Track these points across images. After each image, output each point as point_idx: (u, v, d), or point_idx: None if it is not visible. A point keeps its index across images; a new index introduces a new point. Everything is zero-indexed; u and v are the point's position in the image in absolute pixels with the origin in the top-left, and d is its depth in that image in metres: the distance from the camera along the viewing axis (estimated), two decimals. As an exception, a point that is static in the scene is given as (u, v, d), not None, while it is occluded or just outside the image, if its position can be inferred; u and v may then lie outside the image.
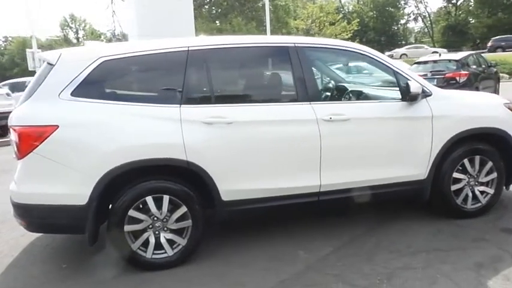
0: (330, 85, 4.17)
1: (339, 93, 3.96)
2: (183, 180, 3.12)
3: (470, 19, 51.96)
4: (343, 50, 3.56)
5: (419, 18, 59.83)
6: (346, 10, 24.96)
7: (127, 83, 3.23)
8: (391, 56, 27.59)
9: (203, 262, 3.22)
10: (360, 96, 3.91)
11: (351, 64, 5.97)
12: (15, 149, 2.93)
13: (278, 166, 3.25)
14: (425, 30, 59.61)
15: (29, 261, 3.46)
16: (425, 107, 3.48)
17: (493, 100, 3.89)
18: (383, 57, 3.60)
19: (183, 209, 3.10)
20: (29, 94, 3.06)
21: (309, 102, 3.29)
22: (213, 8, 30.58)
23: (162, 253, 3.13)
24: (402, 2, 57.89)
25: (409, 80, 3.46)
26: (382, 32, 55.13)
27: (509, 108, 3.80)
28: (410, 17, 59.47)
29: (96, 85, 3.06)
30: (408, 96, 3.38)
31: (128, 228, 3.03)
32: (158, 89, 3.19)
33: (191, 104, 3.10)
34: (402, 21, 60.61)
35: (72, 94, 2.96)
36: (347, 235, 3.56)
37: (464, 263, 3.00)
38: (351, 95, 3.89)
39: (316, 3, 23.84)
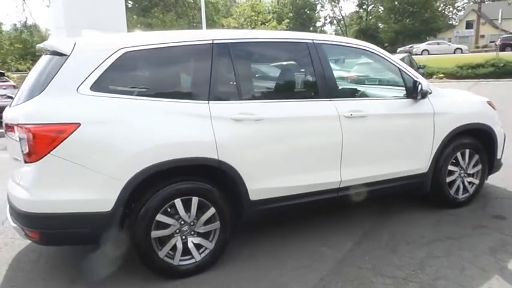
0: (344, 82, 4.22)
1: (353, 90, 4.02)
2: (211, 180, 2.95)
3: (380, 24, 56.07)
4: (354, 47, 3.63)
5: (335, 21, 63.18)
6: (266, 10, 25.49)
7: (151, 77, 2.96)
8: (411, 51, 27.57)
9: (230, 265, 3.08)
10: (369, 93, 4.01)
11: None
12: (25, 150, 2.53)
13: (303, 163, 3.22)
14: (340, 33, 63.05)
15: (26, 279, 3.03)
16: (427, 104, 3.68)
17: (478, 98, 4.24)
18: (390, 56, 3.74)
19: (212, 211, 2.94)
20: (36, 88, 2.68)
21: (329, 99, 3.30)
22: (136, 1, 29.31)
23: (189, 259, 2.94)
24: (319, 6, 60.65)
25: (415, 78, 3.63)
26: (301, 33, 57.15)
27: (491, 106, 4.17)
28: (326, 19, 62.50)
29: (118, 78, 2.77)
30: (419, 94, 3.54)
31: (155, 234, 2.79)
32: (185, 83, 2.98)
33: (219, 100, 2.94)
34: (319, 24, 63.57)
35: (92, 88, 2.64)
36: (359, 230, 3.64)
37: (479, 249, 3.23)
38: (361, 91, 3.98)
39: (248, 2, 23.98)
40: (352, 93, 3.78)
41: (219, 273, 2.99)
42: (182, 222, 2.87)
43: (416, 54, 30.23)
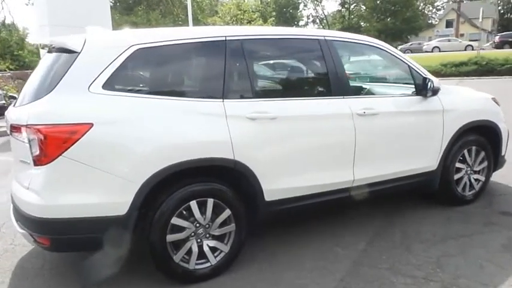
0: (355, 79, 4.17)
1: (363, 88, 3.98)
2: (226, 181, 2.86)
3: (362, 23, 56.62)
4: (364, 44, 3.59)
5: (317, 20, 63.50)
6: (250, 9, 25.44)
7: (163, 75, 2.85)
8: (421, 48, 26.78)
9: (245, 268, 3.00)
10: (379, 91, 3.97)
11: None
12: (36, 152, 2.40)
13: (317, 162, 3.16)
14: (323, 31, 63.35)
15: (32, 288, 2.89)
16: (437, 101, 3.67)
17: (483, 95, 4.25)
18: (399, 53, 3.71)
19: (227, 213, 2.86)
20: (45, 88, 2.55)
21: (342, 97, 3.25)
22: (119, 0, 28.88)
23: (205, 262, 2.85)
24: (302, 5, 60.88)
25: (424, 75, 3.61)
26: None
27: (495, 102, 4.19)
28: (309, 18, 62.76)
29: (130, 76, 2.67)
30: (430, 91, 3.52)
31: (170, 237, 2.69)
32: (198, 81, 2.88)
33: (233, 99, 2.85)
34: (302, 23, 63.79)
35: (104, 87, 2.52)
36: (370, 229, 3.60)
37: (492, 246, 3.22)
38: (372, 89, 3.95)
39: (233, 1, 23.84)
40: (363, 91, 3.73)
41: (234, 276, 2.91)
42: (197, 224, 2.78)
43: (426, 52, 30.45)
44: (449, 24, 55.47)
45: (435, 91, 3.54)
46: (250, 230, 3.06)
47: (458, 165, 3.93)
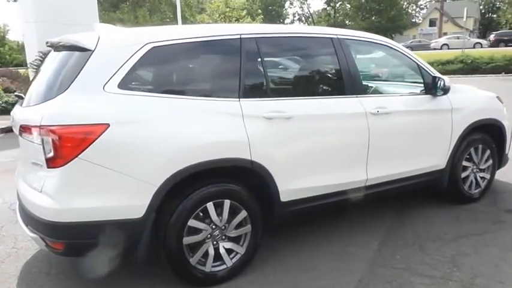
0: (366, 78, 4.13)
1: (375, 86, 3.95)
2: (242, 181, 2.81)
3: (347, 21, 56.96)
4: (374, 42, 3.57)
5: (303, 18, 63.64)
6: (238, 7, 25.25)
7: (179, 74, 2.76)
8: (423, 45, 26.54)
9: (260, 270, 2.94)
10: (390, 89, 3.95)
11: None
12: (50, 154, 2.30)
13: (332, 162, 3.13)
14: (309, 29, 63.59)
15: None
16: (446, 100, 3.67)
17: (488, 93, 4.27)
18: (409, 51, 3.70)
19: (243, 214, 2.80)
20: (56, 87, 2.44)
21: (355, 96, 3.22)
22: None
23: (220, 264, 2.79)
24: (288, 3, 60.93)
25: (434, 74, 3.61)
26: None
27: (499, 101, 4.22)
28: (295, 16, 62.87)
29: (146, 75, 2.59)
30: (441, 90, 3.52)
31: (187, 240, 2.62)
32: (214, 80, 2.81)
33: (249, 98, 2.79)
34: (287, 21, 63.86)
35: (120, 86, 2.43)
36: (380, 228, 3.58)
37: (504, 244, 3.24)
38: (383, 88, 3.92)
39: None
40: (374, 90, 3.71)
41: (249, 279, 2.85)
42: (214, 226, 2.72)
43: (435, 49, 30.70)
44: (432, 23, 56.25)
45: (446, 90, 3.54)
46: (265, 232, 3.01)
47: (465, 163, 3.95)
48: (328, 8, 59.59)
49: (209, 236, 2.71)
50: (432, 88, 3.57)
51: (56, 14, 13.63)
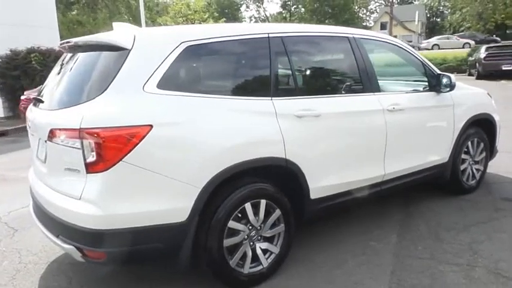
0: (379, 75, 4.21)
1: (388, 84, 4.04)
2: (275, 180, 2.80)
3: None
4: (384, 41, 3.68)
5: (259, 21, 64.09)
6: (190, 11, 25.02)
7: (214, 73, 2.72)
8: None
9: (292, 269, 2.94)
10: (396, 86, 4.07)
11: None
12: (91, 158, 2.19)
13: (356, 158, 3.19)
14: (265, 33, 64.09)
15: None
16: (448, 96, 3.85)
17: (480, 90, 4.52)
18: (414, 51, 3.85)
19: (278, 213, 2.80)
20: (90, 88, 2.34)
21: (373, 93, 3.31)
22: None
23: (257, 265, 2.77)
24: (244, 6, 61.23)
25: (437, 72, 3.78)
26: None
27: (489, 96, 4.48)
28: (251, 20, 63.24)
29: (182, 75, 2.52)
30: (449, 87, 3.68)
31: (227, 242, 2.59)
32: (248, 79, 2.80)
33: (280, 96, 2.79)
34: (244, 24, 64.08)
35: (159, 86, 2.37)
36: (392, 222, 3.69)
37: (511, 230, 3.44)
38: (394, 85, 4.04)
39: (183, 1, 23.38)
40: (388, 87, 3.81)
41: (286, 277, 2.85)
42: (251, 227, 2.70)
43: (426, 49, 31.49)
44: (383, 26, 58.37)
45: (452, 87, 3.71)
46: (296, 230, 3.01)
47: (463, 156, 4.15)
48: (283, 12, 60.48)
49: (246, 237, 2.69)
50: (437, 85, 3.73)
51: (13, 16, 12.99)
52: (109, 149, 2.18)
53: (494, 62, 16.00)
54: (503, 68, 15.70)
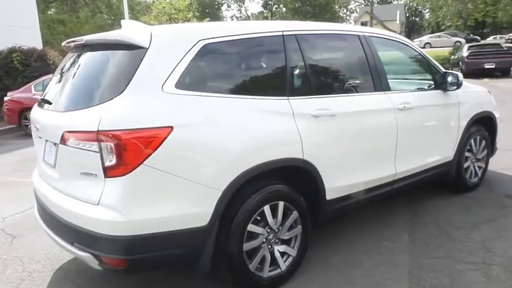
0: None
1: (397, 83, 4.01)
2: (291, 181, 2.74)
3: (284, 24, 58.08)
4: (392, 40, 3.67)
5: (241, 21, 63.98)
6: (174, 10, 24.65)
7: (231, 72, 2.63)
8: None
9: (310, 271, 2.89)
10: (403, 85, 4.05)
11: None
12: (111, 161, 2.09)
13: (370, 157, 3.16)
14: (247, 32, 63.98)
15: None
16: (454, 95, 3.86)
17: (481, 88, 4.55)
18: (421, 50, 3.85)
19: (295, 215, 2.74)
20: (107, 88, 2.23)
21: (384, 92, 3.29)
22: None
23: (275, 269, 2.71)
24: (225, 5, 60.97)
25: (443, 70, 3.79)
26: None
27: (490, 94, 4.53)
28: (233, 19, 63.02)
29: (200, 74, 2.43)
30: (456, 85, 3.69)
31: (247, 246, 2.52)
32: (264, 78, 2.73)
33: (296, 96, 2.74)
34: (225, 23, 63.84)
35: (177, 86, 2.28)
36: (402, 222, 3.67)
37: (521, 226, 3.47)
38: (398, 83, 4.02)
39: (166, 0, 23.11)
40: (396, 86, 3.79)
41: (303, 280, 2.79)
42: (269, 230, 2.63)
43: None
44: (364, 25, 59.03)
45: (459, 85, 3.72)
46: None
47: (466, 154, 4.17)
48: (265, 11, 60.50)
49: (265, 240, 2.62)
50: (443, 83, 3.74)
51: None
52: (130, 152, 2.08)
53: (477, 61, 16.31)
54: (486, 67, 16.02)
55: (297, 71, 2.83)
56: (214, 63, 2.54)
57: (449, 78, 3.71)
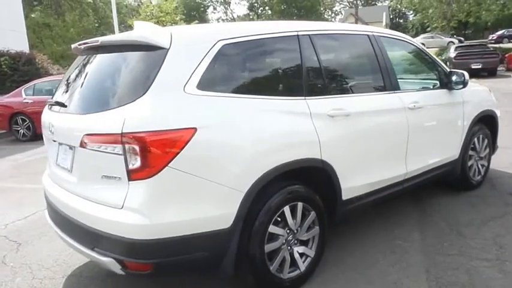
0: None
1: (405, 82, 4.04)
2: (308, 182, 2.74)
3: (270, 26, 58.23)
4: (399, 39, 3.70)
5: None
6: (161, 12, 24.46)
7: (251, 72, 2.61)
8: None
9: (327, 271, 2.89)
10: (414, 85, 4.08)
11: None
12: (135, 164, 2.05)
13: (383, 157, 3.18)
14: (233, 35, 64.01)
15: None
16: (459, 94, 3.91)
17: (483, 87, 4.62)
18: (426, 49, 3.89)
19: (313, 216, 2.74)
20: (129, 90, 2.20)
21: (394, 91, 3.31)
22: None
23: (294, 270, 2.69)
24: (211, 8, 60.92)
25: (448, 69, 3.84)
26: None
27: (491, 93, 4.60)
28: (219, 21, 62.97)
29: (220, 74, 2.41)
30: (462, 84, 3.73)
31: (268, 247, 2.50)
32: (282, 79, 2.72)
33: (313, 96, 2.74)
34: (211, 26, 63.73)
35: (198, 87, 2.25)
36: (411, 221, 3.70)
37: (529, 223, 3.53)
38: (405, 83, 4.04)
39: (154, 2, 22.93)
40: (405, 86, 3.82)
41: (321, 281, 2.79)
42: (288, 231, 2.62)
43: None
44: (349, 27, 59.51)
45: (466, 84, 3.77)
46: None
47: (470, 152, 4.23)
48: (251, 14, 60.64)
49: (285, 241, 2.61)
50: (449, 82, 3.79)
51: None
52: (154, 154, 2.05)
53: (463, 61, 16.57)
54: (472, 67, 16.28)
55: (312, 71, 2.83)
56: (234, 64, 2.52)
57: (456, 78, 3.76)
